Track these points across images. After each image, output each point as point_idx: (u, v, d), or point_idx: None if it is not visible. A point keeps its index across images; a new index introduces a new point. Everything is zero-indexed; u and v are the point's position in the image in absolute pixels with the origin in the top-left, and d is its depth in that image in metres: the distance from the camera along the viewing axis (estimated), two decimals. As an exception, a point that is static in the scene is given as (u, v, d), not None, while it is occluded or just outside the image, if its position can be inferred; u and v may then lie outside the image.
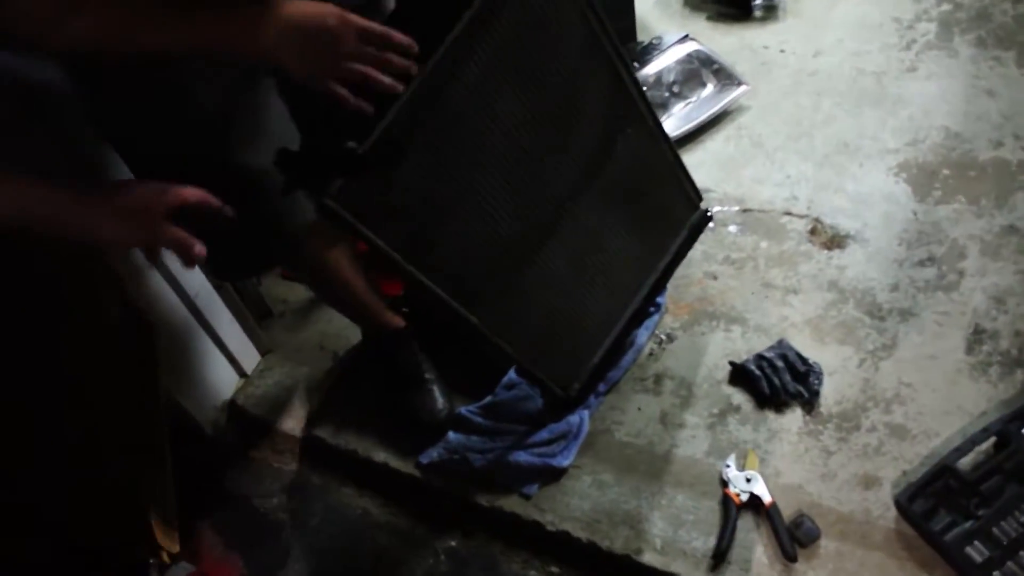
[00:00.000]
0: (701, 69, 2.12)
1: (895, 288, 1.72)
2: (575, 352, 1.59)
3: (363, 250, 1.70)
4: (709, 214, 1.70)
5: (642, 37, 2.28)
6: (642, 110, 1.43)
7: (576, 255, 1.47)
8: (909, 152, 1.95)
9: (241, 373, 1.87)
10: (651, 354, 1.73)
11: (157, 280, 1.60)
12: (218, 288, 1.74)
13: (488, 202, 1.26)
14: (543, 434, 1.62)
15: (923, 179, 1.90)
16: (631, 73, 1.37)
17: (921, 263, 1.75)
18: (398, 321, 1.70)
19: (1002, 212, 1.80)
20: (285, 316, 1.98)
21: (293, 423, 1.79)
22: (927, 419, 1.54)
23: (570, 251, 1.46)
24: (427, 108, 1.09)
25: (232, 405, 1.85)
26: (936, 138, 1.97)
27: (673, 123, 2.07)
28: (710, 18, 2.39)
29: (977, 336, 1.63)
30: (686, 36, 2.10)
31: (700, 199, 1.67)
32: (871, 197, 1.89)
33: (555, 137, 1.32)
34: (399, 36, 0.98)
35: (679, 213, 1.67)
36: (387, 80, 0.98)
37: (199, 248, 1.01)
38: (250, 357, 1.87)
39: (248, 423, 1.83)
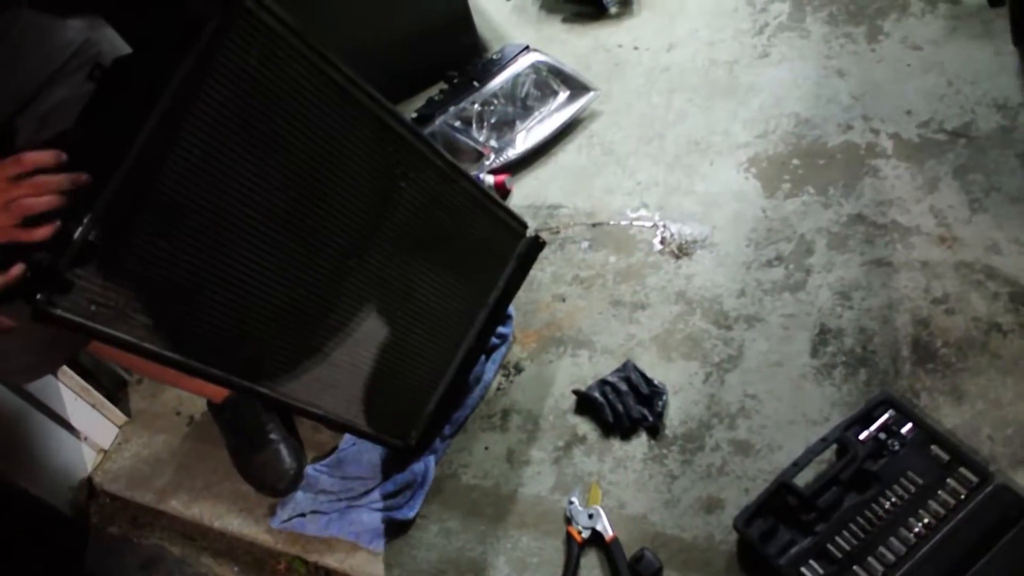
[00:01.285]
0: (550, 78, 2.06)
1: (742, 293, 1.68)
2: (406, 401, 1.54)
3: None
4: (540, 240, 1.65)
5: (499, 46, 2.22)
6: (424, 152, 1.37)
7: (382, 308, 1.42)
8: (759, 145, 1.90)
9: (99, 449, 1.83)
10: (499, 388, 1.68)
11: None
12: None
13: (244, 277, 1.20)
14: (388, 486, 1.58)
15: (773, 172, 1.85)
16: (399, 118, 1.31)
17: (769, 263, 1.71)
18: (235, 384, 1.66)
19: (849, 200, 1.75)
20: (143, 382, 1.93)
21: (151, 495, 1.75)
22: (771, 431, 1.50)
23: (372, 306, 1.40)
24: (140, 198, 1.04)
25: (90, 483, 1.81)
26: (787, 126, 1.92)
27: (524, 138, 2.02)
28: (565, 19, 2.32)
29: (822, 337, 1.58)
30: (526, 47, 2.04)
31: (525, 227, 1.63)
32: (720, 197, 1.84)
33: (316, 198, 1.26)
34: (36, 157, 0.93)
35: (502, 245, 1.61)
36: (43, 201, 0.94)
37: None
38: (106, 431, 1.83)
39: (107, 499, 1.80)
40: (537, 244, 1.65)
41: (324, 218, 1.27)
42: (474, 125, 2.03)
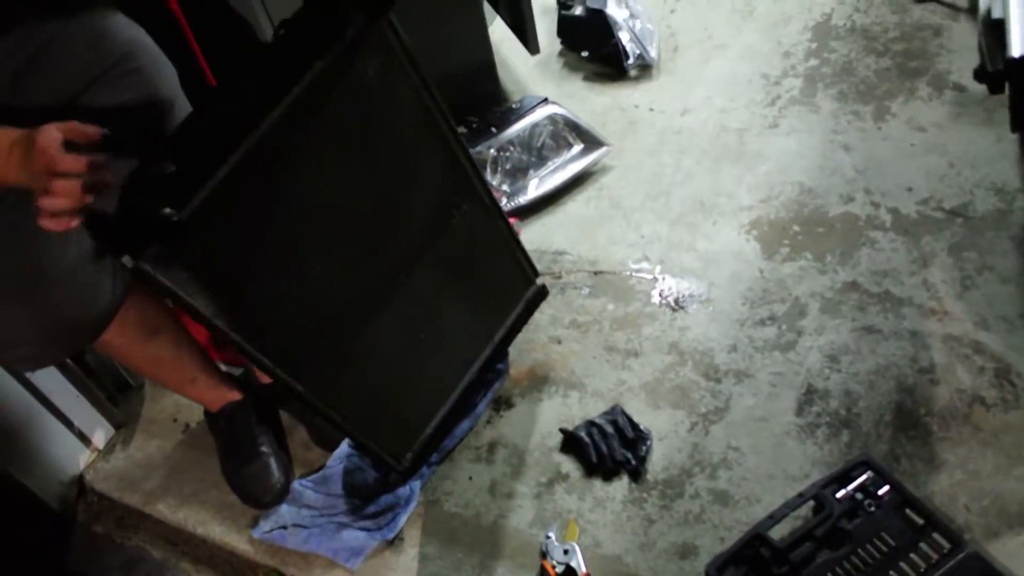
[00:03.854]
0: (565, 131, 2.13)
1: (733, 349, 1.72)
2: (408, 423, 1.59)
3: (198, 331, 1.71)
4: (545, 289, 1.73)
5: (519, 96, 2.30)
6: (477, 187, 1.49)
7: (410, 327, 1.50)
8: (762, 209, 1.96)
9: (93, 447, 1.86)
10: (488, 421, 1.72)
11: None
12: (60, 365, 1.75)
13: (314, 272, 1.28)
14: (371, 507, 1.60)
15: (773, 236, 1.90)
16: (466, 151, 1.43)
17: (762, 322, 1.75)
18: (232, 395, 1.69)
19: (845, 268, 1.80)
20: (144, 387, 1.98)
21: (138, 497, 1.77)
22: (751, 484, 1.52)
23: (403, 323, 1.48)
24: (251, 176, 1.11)
25: (80, 480, 1.84)
26: (790, 194, 1.97)
27: (536, 185, 2.08)
28: (586, 78, 2.41)
29: (808, 396, 1.61)
30: (545, 99, 2.12)
31: (536, 275, 1.71)
32: (720, 255, 1.89)
33: (388, 210, 1.36)
34: (90, 130, 0.99)
35: (515, 287, 1.70)
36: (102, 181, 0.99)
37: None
38: (102, 431, 1.87)
39: (95, 498, 1.82)
40: (542, 293, 1.74)
41: (389, 230, 1.37)
42: (488, 169, 2.09)
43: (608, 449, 1.59)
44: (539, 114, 2.10)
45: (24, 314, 1.29)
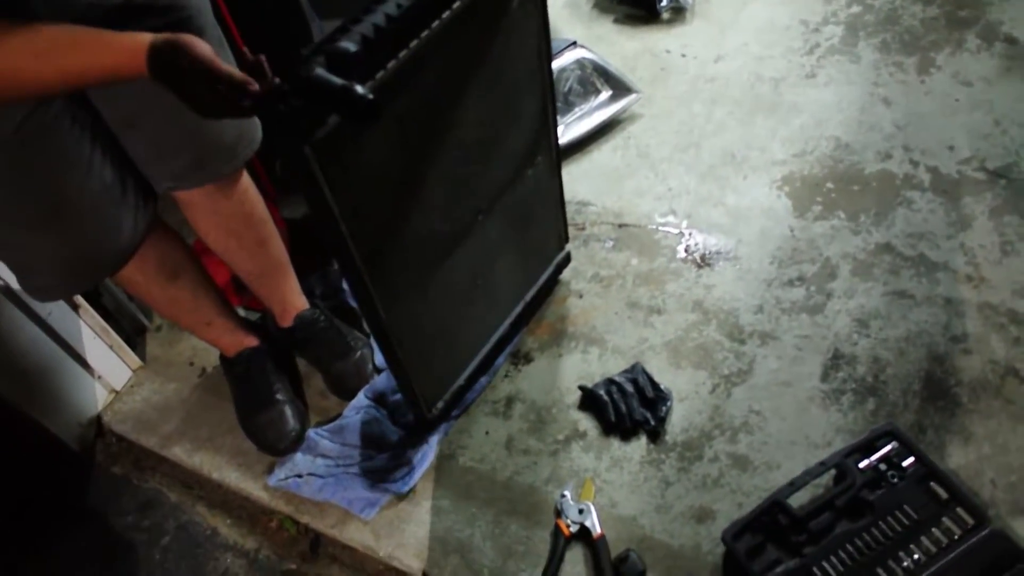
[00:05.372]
0: (594, 76, 2.06)
1: (759, 310, 1.67)
2: (445, 370, 1.58)
3: (218, 274, 1.69)
4: (569, 255, 1.74)
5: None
6: (552, 142, 1.49)
7: (472, 269, 1.49)
8: (795, 164, 1.89)
9: (111, 389, 1.86)
10: (506, 375, 1.69)
11: (1, 303, 1.59)
12: (75, 307, 1.74)
13: (426, 194, 1.28)
14: (387, 458, 1.60)
15: (805, 193, 1.83)
16: (555, 108, 1.44)
17: (790, 283, 1.70)
18: (249, 340, 1.68)
19: (879, 229, 1.74)
20: (162, 330, 1.97)
21: (155, 440, 1.78)
22: (771, 449, 1.50)
23: (469, 264, 1.48)
24: (407, 82, 1.11)
25: (99, 421, 1.85)
26: (825, 149, 1.90)
27: (561, 132, 2.02)
28: (617, 20, 2.32)
29: (835, 362, 1.57)
30: (574, 43, 2.04)
31: (567, 239, 1.68)
32: (750, 212, 1.83)
33: (489, 147, 1.36)
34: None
35: (551, 248, 1.70)
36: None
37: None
38: (119, 373, 1.87)
39: (113, 439, 1.83)
40: (567, 258, 1.73)
41: (484, 168, 1.37)
42: (513, 114, 2.03)
43: (627, 408, 1.57)
44: (567, 58, 2.02)
45: (43, 242, 1.27)
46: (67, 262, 1.31)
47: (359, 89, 0.92)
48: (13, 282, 1.54)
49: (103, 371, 1.83)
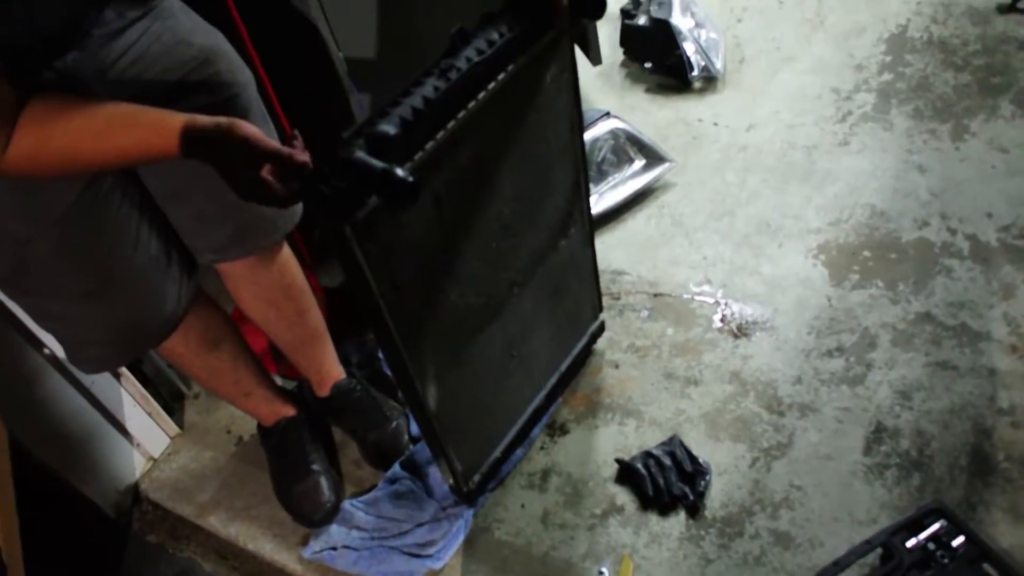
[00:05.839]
0: (627, 145, 2.08)
1: (798, 381, 1.65)
2: (481, 443, 1.58)
3: (256, 342, 1.71)
4: (603, 325, 1.75)
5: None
6: (585, 213, 1.51)
7: (508, 342, 1.50)
8: (831, 232, 1.88)
9: (148, 456, 1.88)
10: (542, 447, 1.68)
11: (47, 371, 1.62)
12: (117, 375, 1.76)
13: (464, 269, 1.29)
14: (422, 532, 1.58)
15: (842, 261, 1.82)
16: (587, 179, 1.46)
17: (829, 353, 1.68)
18: (286, 410, 1.69)
19: (919, 298, 1.72)
20: (200, 397, 1.99)
21: (191, 509, 1.78)
22: (814, 526, 1.46)
23: (504, 337, 1.48)
24: (434, 167, 1.13)
25: (136, 489, 1.85)
26: (861, 217, 1.90)
27: (595, 201, 2.03)
28: (649, 90, 2.36)
29: (877, 435, 1.54)
30: (607, 113, 2.07)
31: (601, 309, 1.69)
32: (786, 280, 1.82)
33: (525, 219, 1.37)
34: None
35: (585, 318, 1.71)
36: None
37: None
38: (158, 440, 1.88)
39: (150, 507, 1.84)
40: (602, 327, 1.73)
41: (520, 241, 1.38)
42: (547, 184, 2.06)
43: (665, 482, 1.54)
44: (600, 128, 2.05)
45: (93, 314, 1.29)
46: (116, 333, 1.34)
47: (399, 172, 0.94)
48: (59, 350, 1.57)
49: (142, 438, 1.85)
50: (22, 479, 1.49)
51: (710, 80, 2.31)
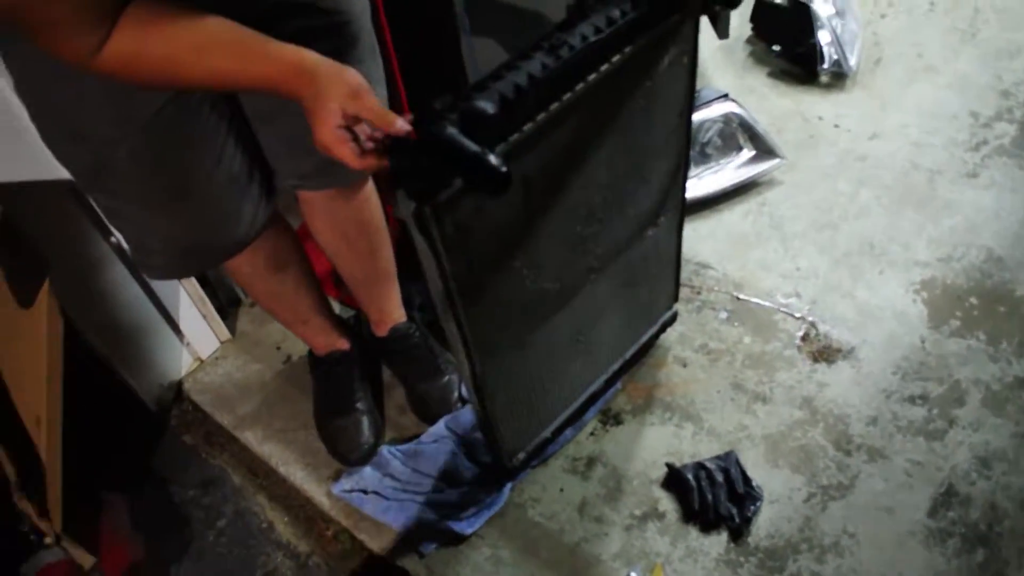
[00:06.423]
0: (738, 132, 1.95)
1: (873, 422, 1.56)
2: (532, 422, 1.52)
3: (319, 263, 1.66)
4: (676, 315, 1.67)
5: (699, 85, 2.12)
6: (680, 201, 1.43)
7: (576, 327, 1.43)
8: (939, 269, 1.76)
9: (196, 357, 1.86)
10: (592, 433, 1.62)
11: (111, 260, 1.60)
12: (180, 273, 1.74)
13: (542, 254, 1.22)
14: (456, 495, 1.55)
15: (945, 303, 1.70)
16: (687, 168, 1.38)
17: (911, 399, 1.58)
18: (341, 343, 1.65)
19: (1021, 361, 1.60)
20: (255, 307, 1.95)
21: (229, 419, 1.77)
22: (861, 579, 1.39)
23: (573, 322, 1.41)
24: (528, 150, 1.05)
25: (179, 387, 1.85)
26: (975, 259, 1.76)
27: (692, 184, 1.92)
28: (771, 74, 2.20)
29: (947, 498, 1.45)
30: (725, 95, 1.93)
31: (677, 299, 1.62)
32: (881, 311, 1.71)
33: (613, 206, 1.29)
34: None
35: (659, 307, 1.62)
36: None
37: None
38: (208, 342, 1.86)
39: (190, 407, 1.83)
40: (674, 317, 1.66)
41: (604, 228, 1.30)
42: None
43: (713, 498, 1.48)
44: (715, 110, 1.92)
45: (164, 225, 1.25)
46: (183, 246, 1.29)
47: (492, 159, 0.85)
48: (124, 242, 1.54)
49: (192, 338, 1.83)
50: (69, 362, 1.48)
51: (839, 76, 2.15)
